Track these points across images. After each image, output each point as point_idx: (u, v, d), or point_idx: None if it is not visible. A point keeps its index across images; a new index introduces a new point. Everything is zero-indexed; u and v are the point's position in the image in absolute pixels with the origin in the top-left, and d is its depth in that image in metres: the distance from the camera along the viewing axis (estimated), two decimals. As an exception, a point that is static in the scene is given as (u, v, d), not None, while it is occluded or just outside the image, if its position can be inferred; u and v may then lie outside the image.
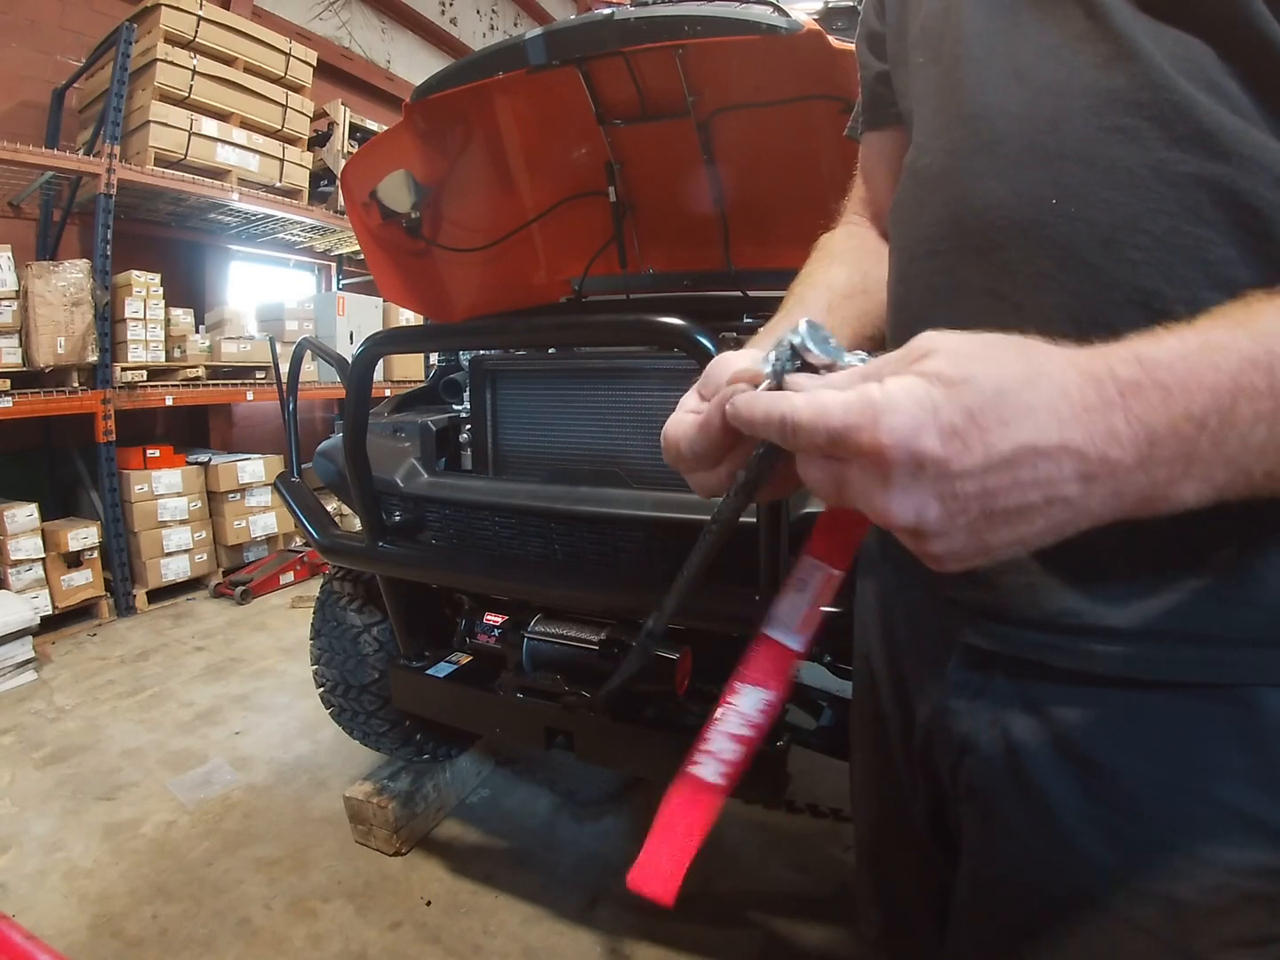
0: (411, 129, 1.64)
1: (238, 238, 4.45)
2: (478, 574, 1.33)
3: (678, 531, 1.14)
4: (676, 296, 1.83)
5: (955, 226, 0.47)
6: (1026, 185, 0.43)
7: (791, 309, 0.60)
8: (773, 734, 1.18)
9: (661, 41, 1.34)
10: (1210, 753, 0.42)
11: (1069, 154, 0.42)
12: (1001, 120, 0.45)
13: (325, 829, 1.82)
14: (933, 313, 0.48)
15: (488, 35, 6.77)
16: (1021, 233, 0.43)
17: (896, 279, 0.54)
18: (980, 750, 0.50)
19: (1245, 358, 0.30)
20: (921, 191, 0.51)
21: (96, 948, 1.44)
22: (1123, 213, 0.40)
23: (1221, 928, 0.43)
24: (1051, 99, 0.43)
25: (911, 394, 0.30)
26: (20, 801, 1.92)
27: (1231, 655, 0.41)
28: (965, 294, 0.46)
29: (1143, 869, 0.44)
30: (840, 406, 0.31)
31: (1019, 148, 0.44)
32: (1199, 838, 0.42)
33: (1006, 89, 0.45)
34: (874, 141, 0.66)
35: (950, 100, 0.49)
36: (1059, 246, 0.42)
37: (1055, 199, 0.42)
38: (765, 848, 1.76)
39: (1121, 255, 0.40)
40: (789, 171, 1.59)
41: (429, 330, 2.09)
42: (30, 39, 3.41)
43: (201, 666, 2.80)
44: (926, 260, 0.50)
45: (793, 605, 0.41)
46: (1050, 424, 0.30)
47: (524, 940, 1.49)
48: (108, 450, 3.21)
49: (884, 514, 0.31)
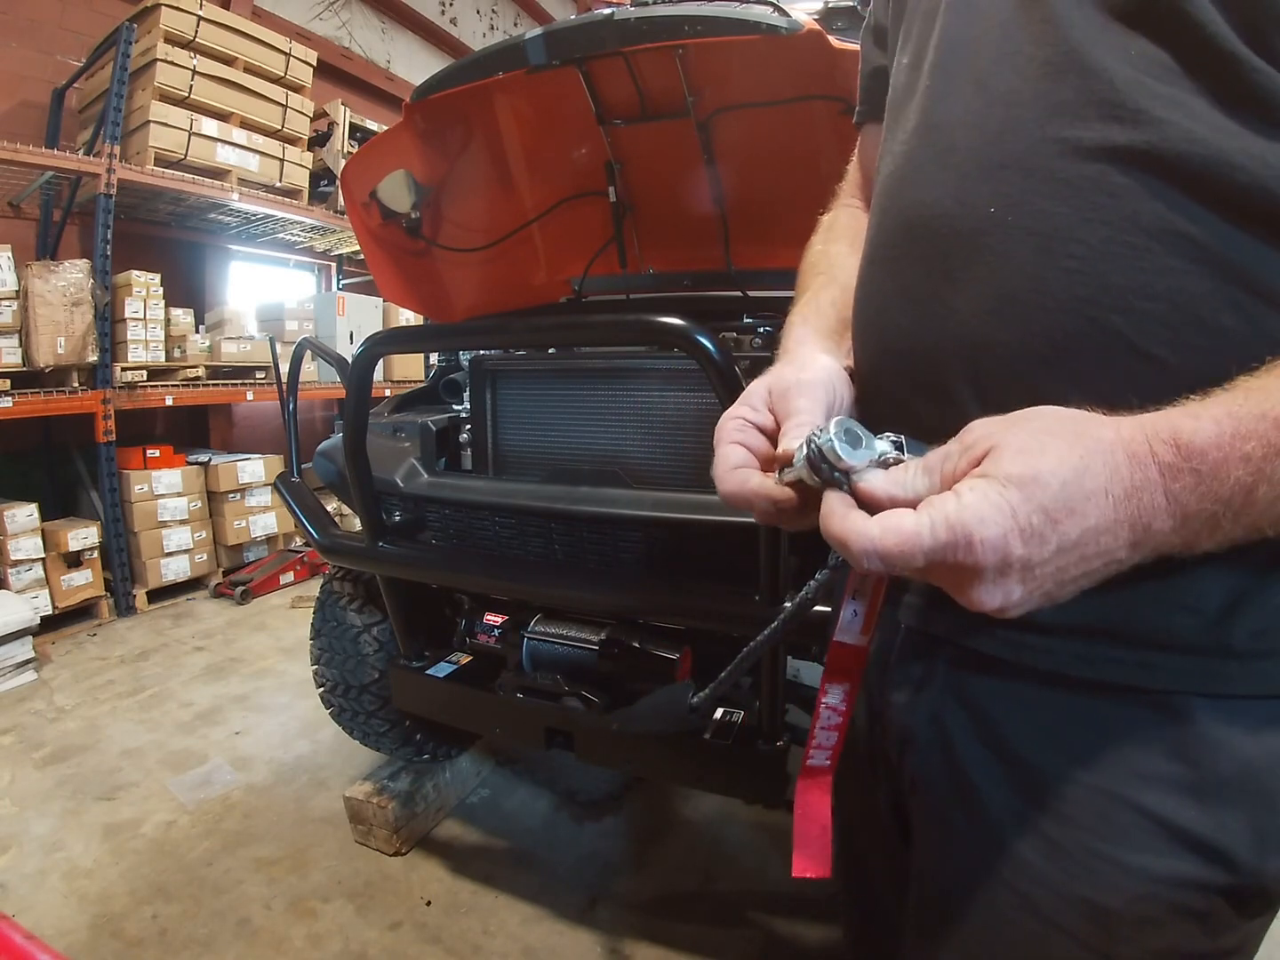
0: (411, 129, 1.64)
1: (238, 238, 4.45)
2: (478, 574, 1.33)
3: (678, 531, 1.14)
4: (676, 296, 1.83)
5: (905, 233, 0.48)
6: (969, 194, 0.44)
7: (820, 291, 0.59)
8: (772, 734, 1.18)
9: (661, 41, 1.33)
10: (1138, 759, 0.42)
11: (1010, 164, 0.42)
12: (958, 130, 0.45)
13: (325, 829, 1.82)
14: (884, 316, 0.50)
15: (488, 35, 6.77)
16: (962, 241, 0.44)
17: (858, 279, 0.55)
18: (920, 744, 0.51)
19: (1272, 447, 0.33)
20: (881, 195, 0.52)
21: (96, 948, 1.44)
22: (1058, 222, 0.40)
23: (1148, 938, 0.43)
24: (1003, 109, 0.43)
25: (992, 504, 0.32)
26: (20, 801, 1.92)
27: (1164, 660, 0.41)
28: (912, 299, 0.47)
29: (1070, 873, 0.44)
30: (928, 532, 0.33)
31: (966, 157, 0.44)
32: (1125, 845, 0.42)
33: (966, 98, 0.45)
34: (872, 134, 0.66)
35: (916, 107, 0.49)
36: (996, 254, 0.42)
37: (994, 208, 0.42)
38: (765, 848, 1.76)
39: (1057, 264, 0.40)
40: (789, 171, 1.58)
41: (429, 330, 2.08)
42: (30, 39, 3.41)
43: (201, 666, 2.80)
44: (881, 264, 0.51)
45: (854, 610, 0.45)
46: (1107, 506, 0.33)
47: (524, 940, 1.49)
48: (108, 450, 3.21)
49: (974, 604, 0.35)
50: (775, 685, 1.15)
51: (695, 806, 1.92)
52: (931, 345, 0.46)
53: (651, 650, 1.27)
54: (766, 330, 1.32)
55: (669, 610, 1.16)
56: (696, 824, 1.86)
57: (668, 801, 1.95)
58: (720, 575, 1.10)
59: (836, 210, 0.69)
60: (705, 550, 1.12)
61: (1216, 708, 0.41)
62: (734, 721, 1.24)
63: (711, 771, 1.25)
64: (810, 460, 0.38)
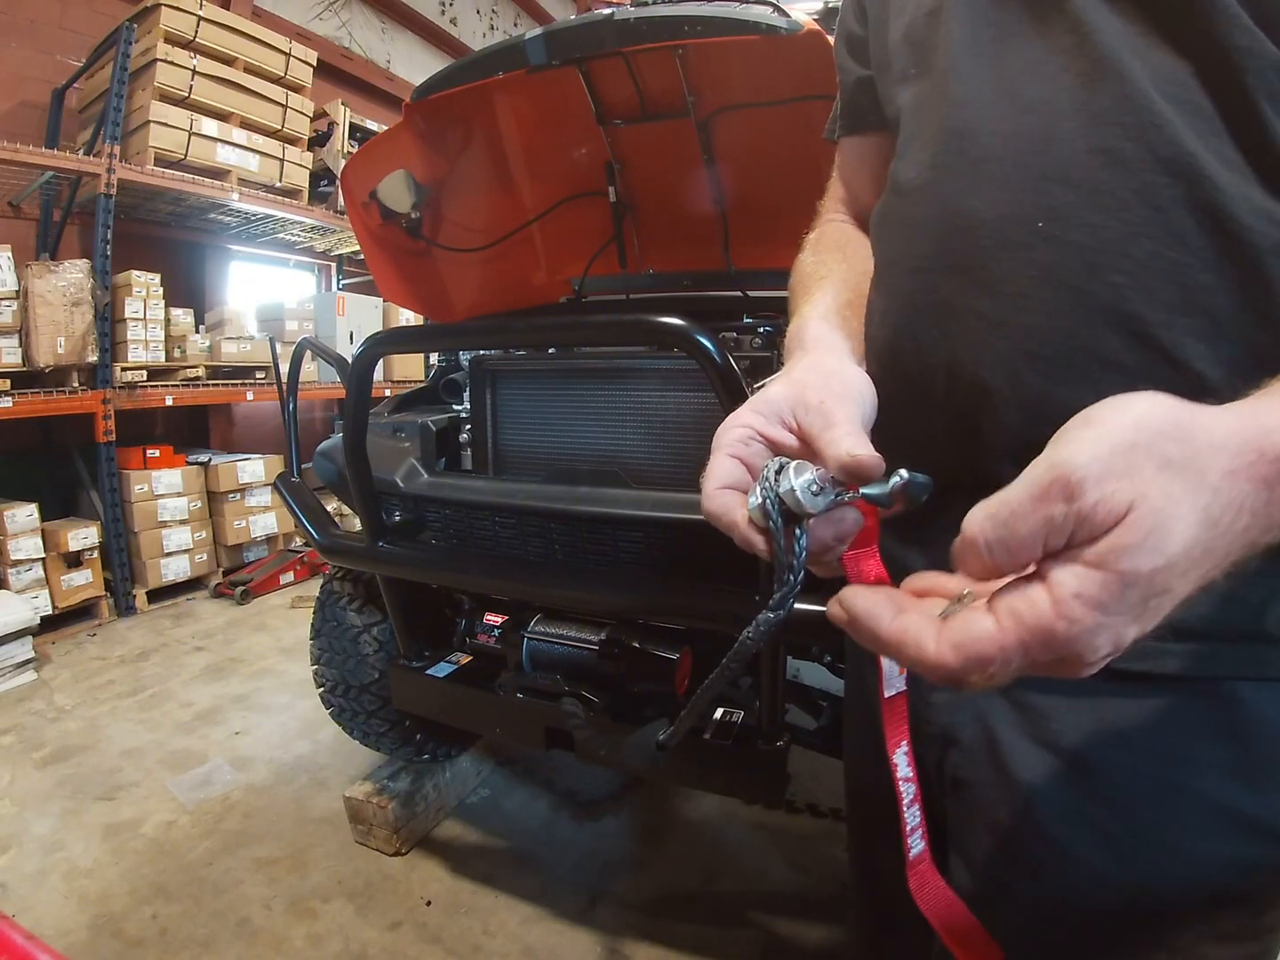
0: (411, 129, 1.64)
1: (238, 238, 4.45)
2: (478, 574, 1.33)
3: (678, 531, 1.14)
4: (676, 296, 1.83)
5: (939, 244, 0.47)
6: (1011, 206, 0.43)
7: (834, 294, 0.56)
8: (772, 734, 1.18)
9: (661, 41, 1.34)
10: (1192, 746, 0.42)
11: (1055, 176, 0.42)
12: (988, 138, 0.45)
13: (325, 829, 1.82)
14: (916, 330, 0.48)
15: (488, 35, 6.77)
16: (1005, 252, 0.43)
17: (880, 293, 0.54)
18: (963, 744, 0.51)
19: None
20: (906, 205, 0.51)
21: (96, 948, 1.44)
22: (1107, 236, 0.40)
23: (1201, 921, 0.43)
24: (1038, 118, 0.43)
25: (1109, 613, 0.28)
26: (20, 801, 1.92)
27: (1213, 650, 0.42)
28: (948, 312, 0.46)
29: (1124, 862, 0.44)
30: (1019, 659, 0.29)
31: (1006, 167, 0.44)
32: (1179, 831, 0.43)
33: (993, 106, 0.45)
34: (854, 146, 0.66)
35: (937, 114, 0.48)
36: (1041, 268, 0.42)
37: (1041, 221, 0.42)
38: (765, 848, 1.76)
39: (1105, 279, 0.40)
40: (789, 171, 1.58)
41: (429, 330, 2.08)
42: (30, 39, 3.41)
43: (201, 666, 2.80)
44: (910, 276, 0.49)
45: None
46: (1222, 550, 0.29)
47: (524, 940, 1.49)
48: (108, 450, 3.21)
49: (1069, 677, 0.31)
50: (775, 685, 1.15)
51: (695, 806, 1.92)
52: (970, 359, 0.45)
53: (651, 650, 1.27)
54: (766, 330, 1.32)
55: (669, 610, 1.16)
56: (696, 824, 1.86)
57: (668, 801, 1.95)
58: (720, 575, 1.10)
59: (823, 226, 0.68)
60: (705, 550, 1.12)
61: (1261, 690, 0.41)
62: (734, 721, 1.24)
63: (711, 771, 1.25)
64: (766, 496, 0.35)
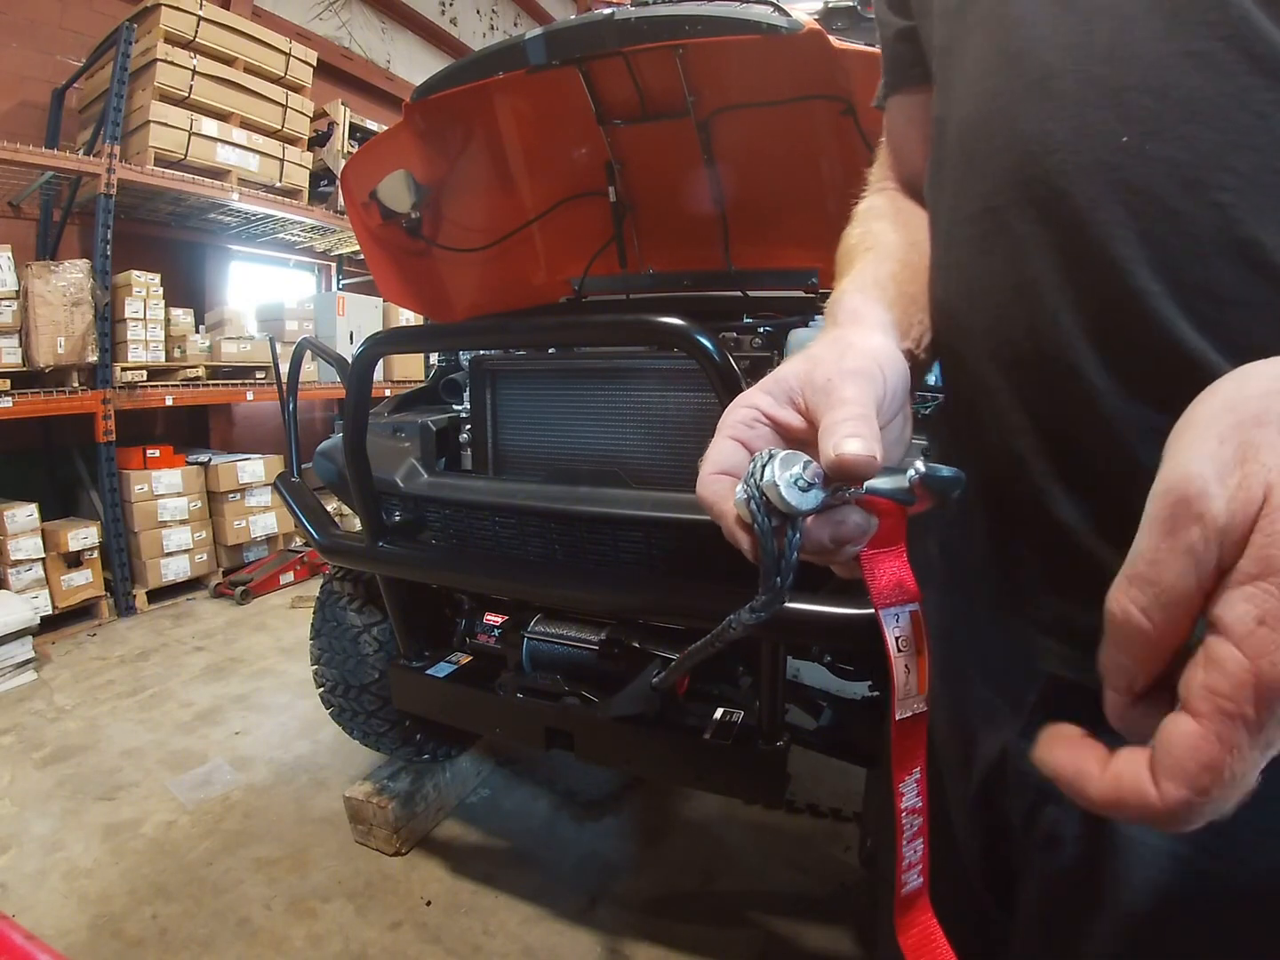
0: (411, 129, 1.64)
1: (238, 238, 4.45)
2: (478, 574, 1.33)
3: (678, 531, 1.14)
4: (676, 296, 1.83)
5: (1009, 176, 0.42)
6: (1089, 123, 0.38)
7: (878, 263, 0.52)
8: (772, 734, 1.18)
9: (661, 41, 1.34)
10: None
11: (1135, 85, 0.36)
12: (1052, 53, 0.39)
13: (325, 829, 1.82)
14: (989, 279, 0.43)
15: (488, 35, 6.77)
16: (1088, 177, 0.38)
17: (942, 244, 0.49)
18: (1064, 799, 0.48)
19: None
20: (966, 142, 0.46)
21: (96, 948, 1.44)
22: (1205, 148, 0.35)
23: None
24: (1107, 23, 0.38)
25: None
26: (20, 801, 1.92)
27: None
28: (1026, 251, 0.41)
29: (1248, 921, 0.40)
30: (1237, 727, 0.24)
31: (1076, 82, 0.38)
32: None
33: (1054, 20, 0.40)
34: (902, 106, 0.61)
35: (992, 40, 0.43)
36: (1134, 191, 0.36)
37: (1126, 136, 0.36)
38: (765, 848, 1.76)
39: (1207, 198, 0.35)
40: (789, 171, 1.58)
41: (429, 330, 2.08)
42: (30, 39, 3.41)
43: (201, 666, 2.80)
44: (978, 219, 0.44)
45: (905, 665, 0.38)
46: None
47: (524, 940, 1.49)
48: (108, 450, 3.21)
49: None
50: (775, 685, 1.15)
51: (695, 806, 1.92)
52: (1054, 307, 0.40)
53: (651, 650, 1.27)
54: (766, 330, 1.32)
55: (669, 610, 1.16)
56: (696, 824, 1.86)
57: (668, 801, 1.95)
58: (720, 575, 1.10)
59: (871, 196, 0.63)
60: (705, 550, 1.12)
61: None
62: (734, 721, 1.24)
63: (711, 771, 1.25)
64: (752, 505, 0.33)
